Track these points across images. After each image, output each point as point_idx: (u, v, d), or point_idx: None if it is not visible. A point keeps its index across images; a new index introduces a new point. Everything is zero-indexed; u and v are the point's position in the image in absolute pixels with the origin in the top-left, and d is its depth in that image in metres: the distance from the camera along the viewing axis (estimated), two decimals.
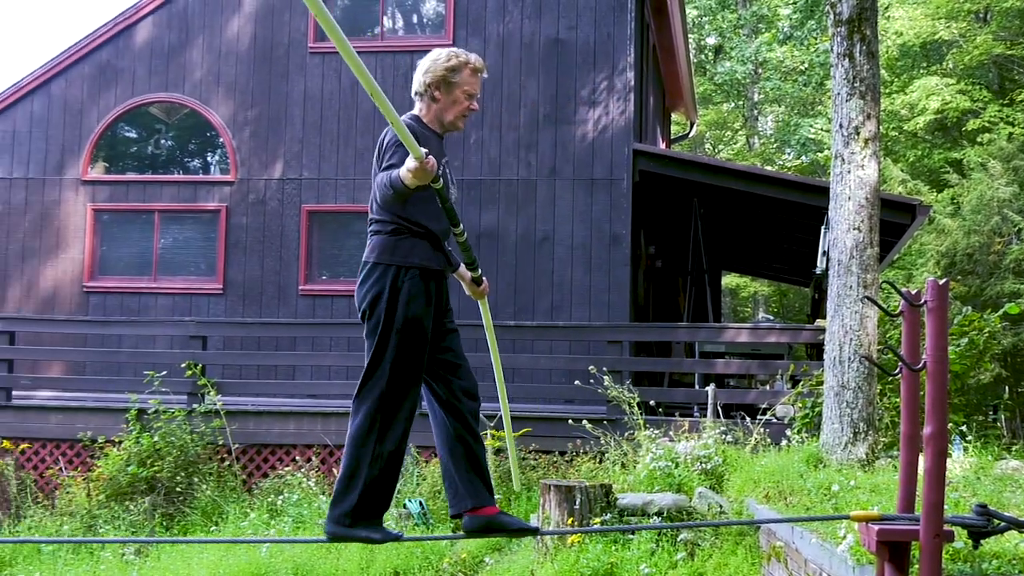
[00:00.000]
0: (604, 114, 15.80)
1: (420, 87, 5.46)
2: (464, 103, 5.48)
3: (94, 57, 17.08)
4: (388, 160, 5.19)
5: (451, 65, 5.42)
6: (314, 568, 10.11)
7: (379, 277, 5.22)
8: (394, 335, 5.19)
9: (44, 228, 16.93)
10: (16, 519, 12.78)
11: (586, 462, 11.95)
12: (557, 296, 15.59)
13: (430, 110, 5.47)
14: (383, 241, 5.26)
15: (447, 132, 5.57)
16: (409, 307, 5.19)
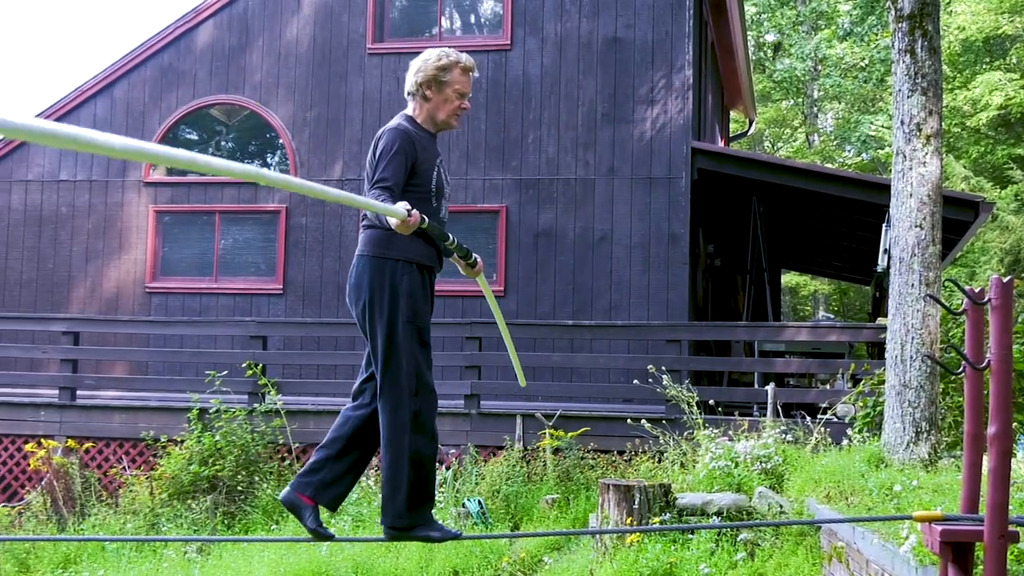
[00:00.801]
0: (662, 112, 15.74)
1: (412, 87, 5.53)
2: (456, 102, 5.53)
3: (156, 60, 17.26)
4: (381, 172, 5.25)
5: (442, 64, 5.48)
6: (374, 567, 10.14)
7: (376, 270, 5.28)
8: (401, 328, 5.23)
9: (107, 230, 17.14)
10: (81, 517, 12.93)
11: (645, 461, 11.91)
12: (616, 295, 15.55)
13: (422, 109, 5.53)
14: (379, 235, 5.28)
15: (440, 131, 5.63)
16: (410, 299, 5.26)
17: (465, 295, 15.89)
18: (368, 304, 5.28)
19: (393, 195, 5.13)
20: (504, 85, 16.22)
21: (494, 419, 13.37)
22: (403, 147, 5.28)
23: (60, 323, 15.10)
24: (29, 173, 17.40)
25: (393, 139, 5.30)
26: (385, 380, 5.26)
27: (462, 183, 16.13)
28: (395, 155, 5.24)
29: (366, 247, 5.33)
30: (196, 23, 17.19)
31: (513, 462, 12.33)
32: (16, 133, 2.30)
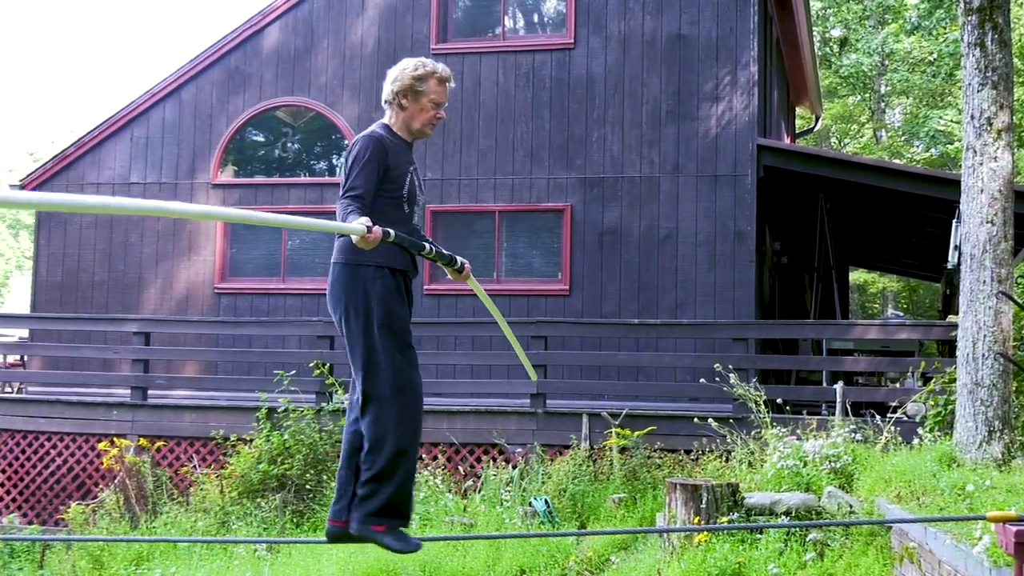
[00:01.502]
0: (727, 109, 15.66)
1: (388, 95, 5.64)
2: (431, 111, 5.61)
3: (223, 63, 17.44)
4: (352, 180, 5.34)
5: (418, 74, 5.58)
6: (441, 566, 10.19)
7: (350, 277, 5.39)
8: (379, 330, 5.32)
9: (177, 232, 17.34)
10: (153, 515, 13.09)
11: (712, 460, 11.86)
12: (681, 294, 15.50)
13: (398, 118, 5.62)
14: (350, 241, 5.30)
15: (416, 139, 5.69)
16: (385, 301, 5.34)
17: (531, 294, 15.91)
18: (344, 312, 5.38)
19: (363, 204, 5.23)
20: (568, 84, 16.21)
21: (560, 418, 13.37)
22: (374, 154, 5.37)
23: (132, 324, 15.29)
24: (101, 176, 17.63)
25: (365, 147, 5.41)
26: (367, 385, 5.34)
27: (526, 182, 16.15)
28: (367, 163, 5.34)
29: (339, 254, 5.46)
30: (262, 26, 17.35)
31: (579, 461, 12.33)
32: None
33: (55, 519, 14.07)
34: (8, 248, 54.55)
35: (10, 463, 14.61)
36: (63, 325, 16.41)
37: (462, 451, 13.49)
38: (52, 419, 14.64)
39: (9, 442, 14.65)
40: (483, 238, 16.45)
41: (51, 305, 17.61)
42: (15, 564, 12.67)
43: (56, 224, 17.74)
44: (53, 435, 14.61)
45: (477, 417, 13.55)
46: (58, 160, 18.03)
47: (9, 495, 14.55)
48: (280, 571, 10.65)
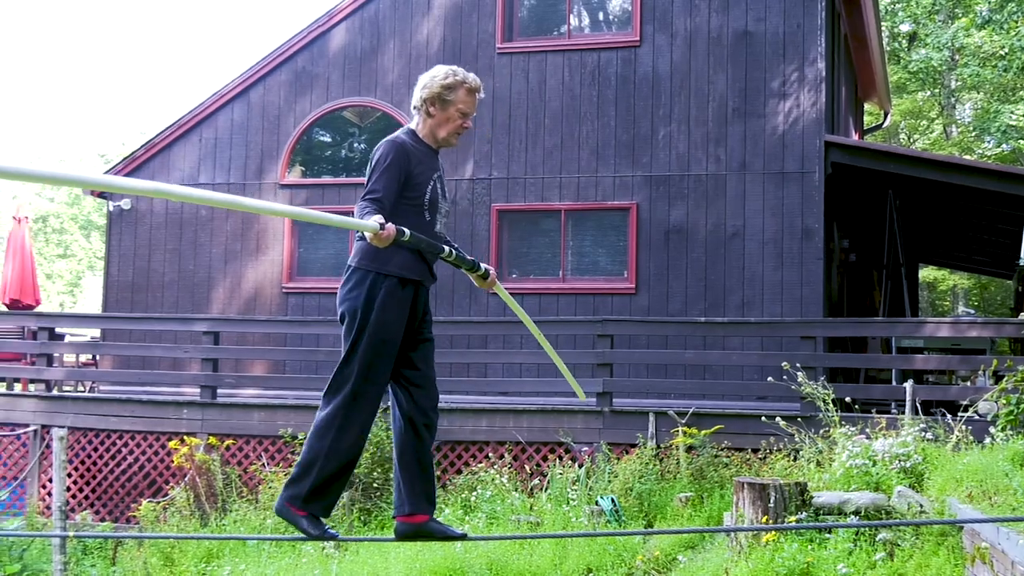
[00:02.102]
0: (795, 106, 15.55)
1: (417, 102, 5.64)
2: (457, 121, 5.64)
3: (290, 64, 17.57)
4: (372, 183, 5.40)
5: (448, 83, 5.59)
6: (507, 564, 10.20)
7: (358, 281, 5.48)
8: (366, 338, 5.43)
9: (245, 232, 17.50)
10: (222, 512, 13.22)
11: (780, 459, 11.78)
12: (748, 292, 15.41)
13: (425, 125, 5.65)
14: (365, 247, 5.45)
15: (441, 147, 5.72)
16: (382, 312, 5.43)
17: (597, 293, 15.89)
18: (345, 312, 5.52)
19: (381, 207, 5.26)
20: (633, 82, 16.17)
21: (626, 417, 13.34)
22: (396, 160, 5.41)
23: (201, 323, 15.45)
24: (170, 177, 17.83)
25: (388, 152, 5.45)
26: (336, 376, 5.53)
27: (592, 181, 16.13)
28: (388, 168, 5.39)
29: (354, 258, 5.56)
30: (329, 27, 17.46)
31: (646, 460, 12.30)
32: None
33: (126, 516, 14.25)
34: (80, 249, 55.34)
35: (82, 461, 14.82)
36: (134, 325, 16.61)
37: (528, 450, 13.50)
38: (123, 418, 14.82)
39: (82, 440, 14.86)
40: (549, 237, 16.45)
41: (122, 305, 17.84)
42: (88, 561, 12.85)
43: (127, 225, 17.98)
44: (124, 433, 14.79)
45: (543, 416, 13.55)
46: (128, 162, 18.26)
47: (82, 492, 14.76)
48: (348, 568, 10.71)
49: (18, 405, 15.39)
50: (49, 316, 18.79)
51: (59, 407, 15.21)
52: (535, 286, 16.23)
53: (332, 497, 5.57)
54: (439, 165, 5.72)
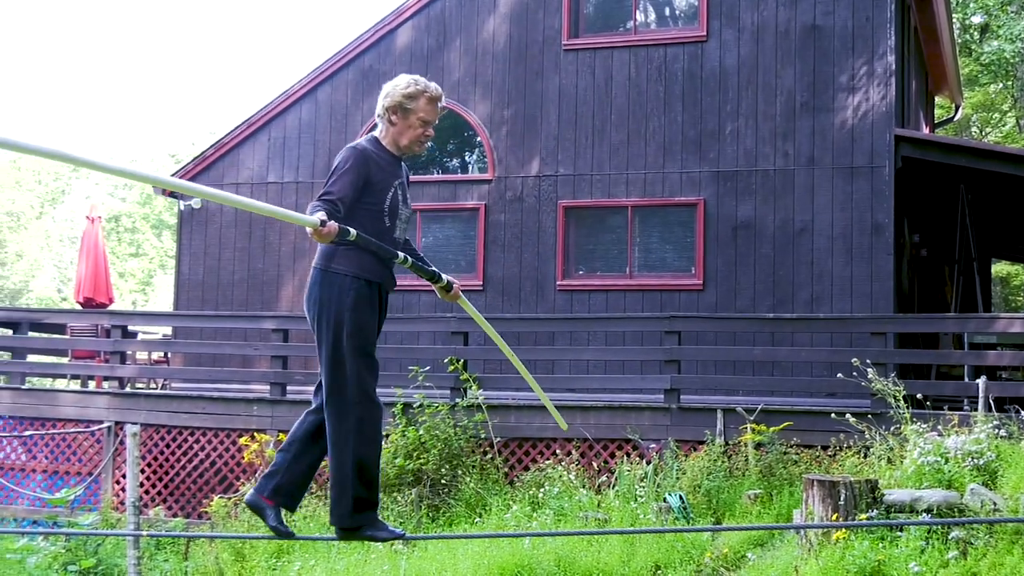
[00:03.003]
0: (864, 100, 15.40)
1: (380, 110, 5.74)
2: (419, 129, 5.72)
3: (357, 63, 17.67)
4: (328, 186, 5.47)
5: (409, 92, 5.69)
6: (575, 561, 10.20)
7: (325, 283, 5.54)
8: (347, 341, 5.48)
9: None
10: None
11: (850, 457, 11.68)
12: (817, 287, 15.29)
13: (388, 133, 5.73)
14: (329, 249, 5.53)
15: (404, 155, 5.79)
16: (356, 312, 5.50)
17: (664, 289, 15.84)
18: (317, 316, 5.56)
19: (333, 207, 5.33)
20: (700, 77, 16.10)
21: (694, 413, 13.29)
22: (355, 165, 5.50)
23: (270, 321, 15.58)
24: (239, 176, 18.01)
25: (348, 157, 5.55)
26: (330, 390, 5.56)
27: (659, 176, 16.08)
28: (346, 172, 5.47)
29: (318, 259, 5.61)
30: (395, 25, 17.54)
31: (714, 457, 12.24)
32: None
33: (198, 512, 14.41)
34: (152, 248, 56.02)
35: (155, 457, 15.01)
36: (204, 323, 16.80)
37: (596, 447, 13.49)
38: (194, 415, 15.00)
39: (154, 436, 15.05)
40: (615, 233, 16.41)
41: (193, 303, 18.05)
42: (161, 556, 13.02)
43: (197, 224, 18.18)
44: (196, 430, 14.97)
45: (611, 413, 13.53)
46: (198, 161, 18.46)
47: (155, 488, 14.95)
48: (416, 565, 10.76)
49: (92, 402, 15.63)
50: (122, 314, 19.11)
51: (132, 404, 15.43)
52: (602, 283, 16.21)
53: (375, 502, 5.67)
54: (402, 173, 5.82)
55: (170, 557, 12.90)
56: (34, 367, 19.03)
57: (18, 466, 15.65)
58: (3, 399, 15.97)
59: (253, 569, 11.77)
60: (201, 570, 12.21)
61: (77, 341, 17.64)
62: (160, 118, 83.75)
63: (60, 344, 18.95)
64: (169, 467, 14.95)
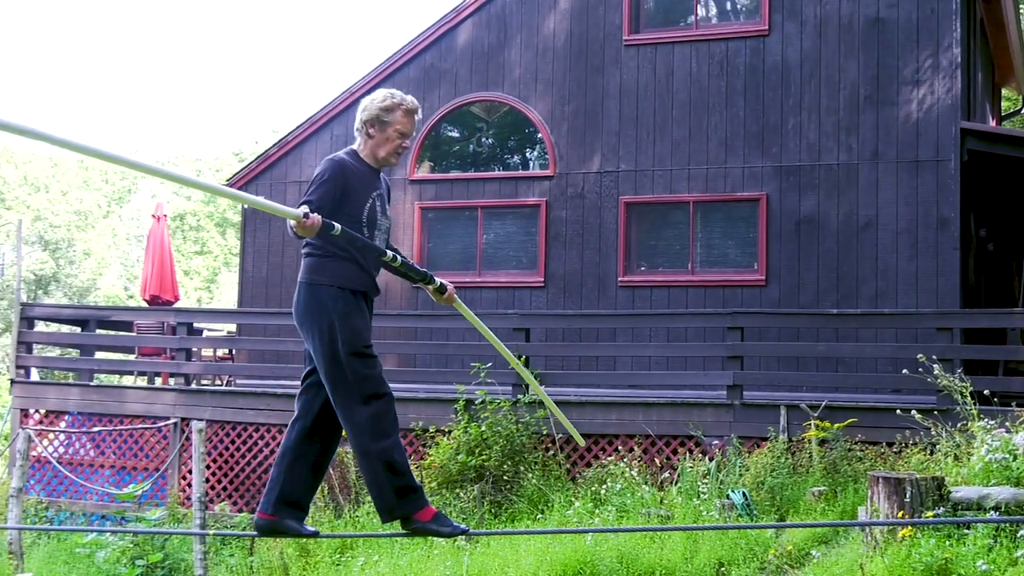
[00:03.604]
0: (929, 93, 15.23)
1: (358, 124, 5.90)
2: (396, 141, 5.88)
3: (418, 60, 17.72)
4: (307, 195, 5.62)
5: (385, 105, 5.82)
6: (638, 557, 10.18)
7: (313, 296, 5.66)
8: (342, 348, 5.57)
9: None
10: (355, 504, 13.41)
11: (915, 454, 11.56)
12: (882, 283, 15.15)
13: (366, 145, 5.88)
14: (313, 262, 5.70)
15: (382, 167, 5.95)
16: (348, 320, 5.60)
17: (726, 285, 15.77)
18: (309, 329, 5.67)
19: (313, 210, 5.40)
20: (762, 71, 16.00)
21: (757, 410, 13.21)
22: (333, 176, 5.66)
23: None
24: (302, 174, 18.13)
25: (326, 169, 5.71)
26: (337, 398, 5.64)
27: (721, 172, 16.01)
28: (324, 183, 5.63)
29: (304, 274, 5.75)
30: (456, 23, 17.58)
31: (778, 453, 12.17)
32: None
33: None
34: (216, 246, 56.54)
35: (220, 453, 15.16)
36: (268, 319, 16.92)
37: (658, 443, 13.45)
38: (259, 411, 15.13)
39: (219, 432, 15.20)
40: (677, 229, 16.36)
41: (257, 300, 18.20)
42: (227, 551, 13.16)
43: (261, 222, 18.32)
44: (260, 426, 15.09)
45: (673, 409, 13.48)
46: (261, 160, 18.62)
47: (220, 483, 15.10)
48: (479, 561, 10.79)
49: (159, 399, 15.82)
50: (187, 312, 19.32)
51: (198, 400, 15.60)
52: (664, 279, 16.16)
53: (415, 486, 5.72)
54: (380, 184, 5.95)
55: (235, 552, 13.04)
56: (102, 364, 19.32)
57: (87, 462, 15.87)
58: (72, 396, 16.21)
59: (317, 564, 11.86)
60: (266, 565, 12.32)
61: (144, 338, 17.86)
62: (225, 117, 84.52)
63: (127, 341, 19.21)
64: (234, 462, 15.10)
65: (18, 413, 16.23)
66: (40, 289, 50.44)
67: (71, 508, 15.53)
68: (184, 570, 12.35)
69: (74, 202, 55.80)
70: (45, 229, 51.89)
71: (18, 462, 12.56)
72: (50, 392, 16.81)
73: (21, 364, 16.59)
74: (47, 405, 16.37)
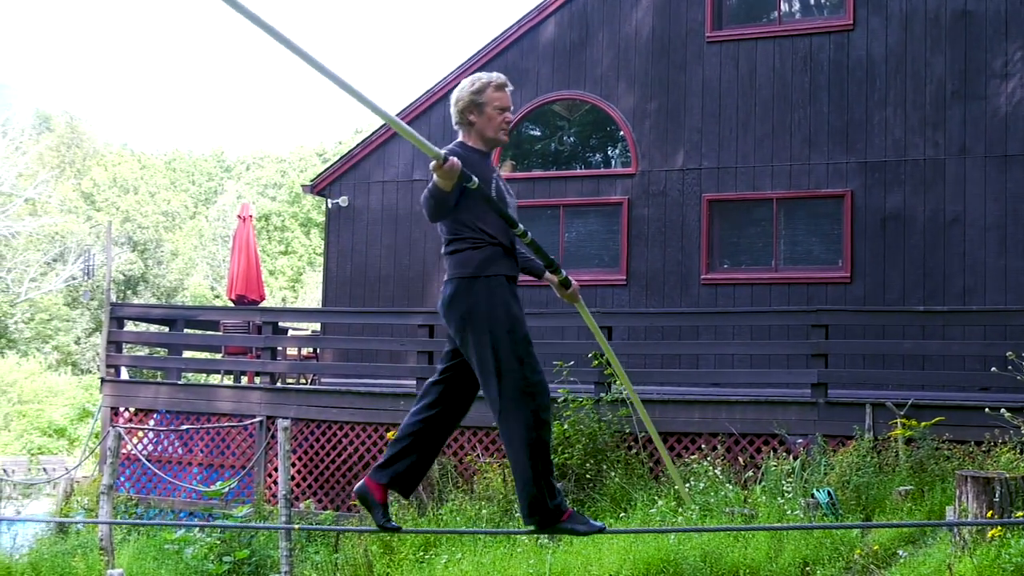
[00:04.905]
0: (1018, 87, 14.99)
1: (456, 118, 5.93)
2: (499, 116, 5.88)
3: (501, 59, 17.77)
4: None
5: (475, 89, 5.88)
6: (722, 556, 10.13)
7: (467, 291, 5.60)
8: (504, 338, 5.54)
9: None
10: (439, 502, 13.48)
11: (1005, 453, 11.38)
12: (970, 279, 14.94)
13: (471, 134, 5.89)
14: (463, 257, 5.65)
15: (492, 148, 5.95)
16: (507, 308, 5.58)
17: (810, 282, 15.64)
18: (465, 323, 5.62)
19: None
20: (847, 66, 15.85)
21: (842, 408, 13.07)
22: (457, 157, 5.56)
23: (417, 317, 15.73)
24: (385, 175, 18.28)
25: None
26: (498, 391, 5.63)
27: (804, 168, 15.88)
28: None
29: (453, 270, 5.69)
30: (538, 21, 17.61)
31: (863, 452, 12.03)
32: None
33: (347, 505, 14.66)
34: (301, 245, 57.12)
35: (305, 451, 15.31)
36: (352, 319, 17.06)
37: (741, 441, 13.37)
38: (343, 409, 15.24)
39: (304, 431, 15.35)
40: (760, 226, 16.26)
41: (341, 299, 18.37)
42: (312, 548, 13.28)
43: (345, 222, 18.49)
44: (344, 424, 15.20)
45: (756, 407, 13.39)
46: (345, 160, 18.79)
47: (305, 481, 15.25)
48: (561, 559, 10.80)
49: (246, 397, 16.02)
50: (273, 311, 19.52)
51: (283, 399, 15.76)
52: (747, 276, 16.07)
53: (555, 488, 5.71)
54: (495, 168, 5.95)
55: (320, 549, 13.16)
56: (189, 363, 19.60)
57: (175, 459, 16.11)
58: (161, 394, 16.47)
59: (401, 562, 11.94)
60: (351, 562, 12.43)
61: (230, 337, 18.10)
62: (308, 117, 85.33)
63: (214, 340, 19.47)
64: (319, 460, 15.24)
65: (109, 411, 16.53)
66: (129, 289, 51.31)
67: (160, 505, 15.78)
68: (270, 566, 12.49)
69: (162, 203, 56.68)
70: (134, 230, 52.78)
71: (109, 459, 12.79)
72: (140, 391, 17.08)
73: (111, 363, 16.89)
74: (137, 403, 16.64)
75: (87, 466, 18.13)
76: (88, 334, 48.69)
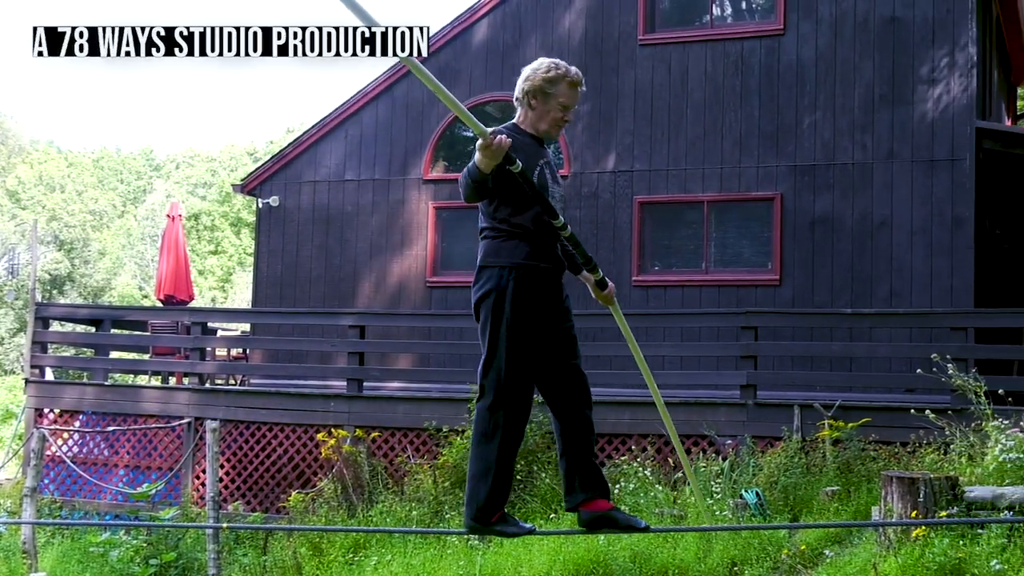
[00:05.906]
0: (944, 92, 15.19)
1: (519, 93, 5.66)
2: (558, 114, 5.63)
3: (434, 60, 17.70)
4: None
5: (550, 76, 5.60)
6: (652, 557, 10.18)
7: (487, 279, 5.47)
8: (503, 333, 5.42)
9: (390, 227, 17.73)
10: (369, 503, 13.41)
11: (929, 453, 11.52)
12: (896, 282, 15.12)
13: (527, 117, 5.64)
14: (489, 245, 5.51)
15: (543, 138, 5.68)
16: (516, 305, 5.40)
17: (740, 284, 15.75)
18: (478, 309, 5.54)
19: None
20: (777, 71, 15.98)
21: (771, 409, 13.15)
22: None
23: (348, 317, 15.66)
24: (317, 174, 18.16)
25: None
26: (482, 382, 5.54)
27: (735, 171, 15.99)
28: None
29: (481, 258, 5.56)
30: (471, 22, 17.58)
31: (791, 453, 12.13)
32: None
33: (276, 507, 14.55)
34: (231, 245, 56.68)
35: (234, 452, 15.17)
36: (282, 319, 16.94)
37: (671, 443, 13.42)
38: (273, 410, 15.12)
39: (233, 432, 15.21)
40: (691, 228, 16.35)
41: (271, 300, 18.24)
42: (240, 550, 13.17)
43: (275, 222, 18.36)
44: (274, 426, 15.08)
45: (687, 409, 13.43)
46: (276, 160, 18.66)
47: (234, 483, 15.12)
48: (492, 560, 10.80)
49: (173, 398, 15.85)
50: (202, 311, 19.36)
51: (212, 400, 15.61)
52: (678, 278, 16.15)
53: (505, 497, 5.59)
54: (546, 154, 5.68)
55: (249, 551, 13.05)
56: (116, 363, 19.37)
57: (101, 461, 15.91)
58: (87, 395, 16.25)
59: (331, 563, 11.88)
60: (279, 564, 12.34)
61: (158, 338, 17.90)
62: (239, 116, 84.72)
63: (142, 341, 19.25)
64: (248, 462, 15.11)
65: (33, 412, 16.28)
66: (55, 289, 50.63)
67: (85, 507, 15.57)
68: (197, 569, 12.37)
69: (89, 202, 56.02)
70: (60, 229, 52.10)
71: (32, 461, 12.59)
72: (65, 392, 16.84)
73: (36, 364, 16.64)
74: (62, 404, 16.41)
75: (10, 468, 17.83)
76: (12, 334, 47.99)
